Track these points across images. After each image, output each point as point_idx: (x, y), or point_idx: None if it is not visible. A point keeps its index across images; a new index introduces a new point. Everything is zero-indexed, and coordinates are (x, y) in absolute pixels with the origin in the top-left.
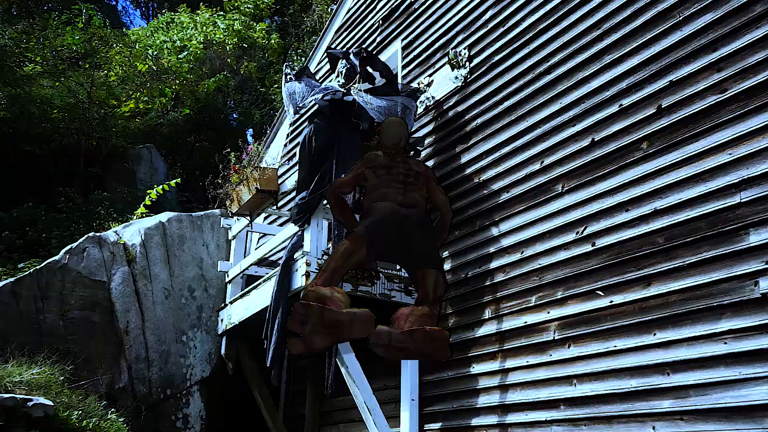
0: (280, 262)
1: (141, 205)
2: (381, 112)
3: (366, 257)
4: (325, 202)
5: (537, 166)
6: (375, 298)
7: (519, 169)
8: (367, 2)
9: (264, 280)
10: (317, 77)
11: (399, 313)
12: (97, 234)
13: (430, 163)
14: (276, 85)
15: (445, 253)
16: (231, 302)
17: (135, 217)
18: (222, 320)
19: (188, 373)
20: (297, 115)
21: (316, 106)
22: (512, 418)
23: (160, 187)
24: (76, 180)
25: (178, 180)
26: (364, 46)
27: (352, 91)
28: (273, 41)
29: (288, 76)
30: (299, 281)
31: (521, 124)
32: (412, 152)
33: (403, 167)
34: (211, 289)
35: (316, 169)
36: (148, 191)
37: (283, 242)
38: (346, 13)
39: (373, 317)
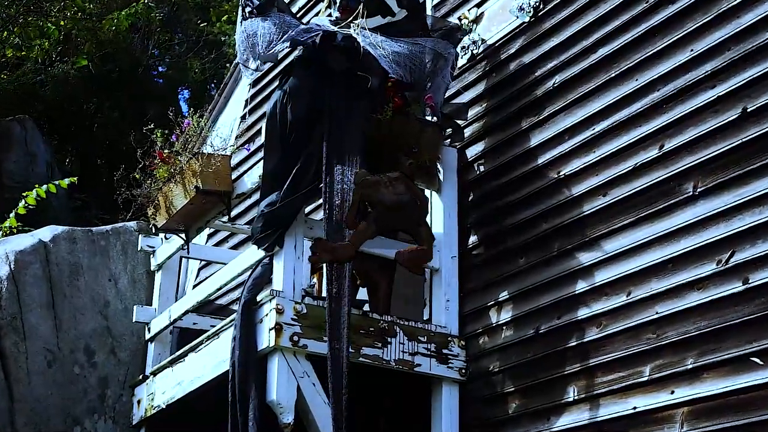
0: (236, 307)
1: (11, 215)
2: (399, 62)
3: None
4: (307, 210)
5: (653, 153)
6: (388, 367)
7: (623, 157)
8: None
9: (210, 337)
10: (295, 10)
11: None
12: None
13: (479, 147)
14: (227, 18)
15: (504, 294)
16: (154, 373)
17: (0, 233)
18: (139, 402)
19: None
20: (260, 72)
21: (294, 53)
22: None
23: (43, 186)
24: None
25: (74, 180)
26: None
27: (352, 31)
28: None
29: (247, 9)
30: (266, 338)
31: (626, 85)
32: (449, 129)
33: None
34: (122, 352)
35: (294, 156)
36: (24, 193)
37: (240, 275)
38: None
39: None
